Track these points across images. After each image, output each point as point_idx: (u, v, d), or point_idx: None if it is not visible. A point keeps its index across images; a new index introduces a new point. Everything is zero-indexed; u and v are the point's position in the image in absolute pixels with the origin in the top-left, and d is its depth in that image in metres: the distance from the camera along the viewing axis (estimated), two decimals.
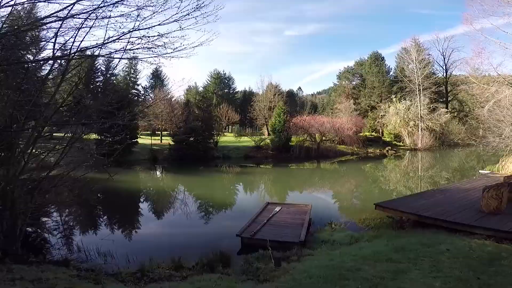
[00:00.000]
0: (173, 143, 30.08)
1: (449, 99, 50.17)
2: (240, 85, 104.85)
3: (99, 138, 31.34)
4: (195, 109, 33.50)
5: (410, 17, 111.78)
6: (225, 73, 66.83)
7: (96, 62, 48.49)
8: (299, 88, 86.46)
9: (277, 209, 9.42)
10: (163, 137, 37.79)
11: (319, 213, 10.12)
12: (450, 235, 6.57)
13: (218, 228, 9.53)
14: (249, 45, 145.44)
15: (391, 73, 52.38)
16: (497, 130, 20.46)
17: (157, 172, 25.64)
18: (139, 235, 9.22)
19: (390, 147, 38.84)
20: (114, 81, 40.25)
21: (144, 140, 35.94)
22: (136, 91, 62.13)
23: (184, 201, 14.54)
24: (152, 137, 39.99)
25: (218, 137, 33.57)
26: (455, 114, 48.00)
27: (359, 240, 7.52)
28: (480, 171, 17.46)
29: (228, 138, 37.70)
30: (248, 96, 64.28)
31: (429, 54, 46.58)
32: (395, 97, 43.84)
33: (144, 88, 61.47)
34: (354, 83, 55.53)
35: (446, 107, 45.82)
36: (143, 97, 59.32)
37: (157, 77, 62.96)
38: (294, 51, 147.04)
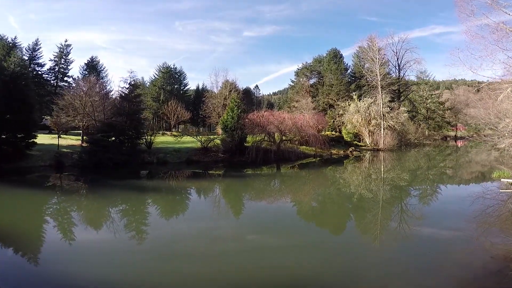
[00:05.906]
0: (86, 144, 20.74)
1: (401, 99, 48.05)
2: (194, 84, 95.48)
3: None
4: (123, 101, 24.34)
5: (360, 23, 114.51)
6: (175, 68, 57.31)
7: None
8: (256, 87, 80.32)
9: None
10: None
11: None
12: None
13: None
14: (207, 43, 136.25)
15: (348, 71, 48.71)
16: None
17: (51, 185, 15.96)
18: None
19: (353, 148, 34.00)
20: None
21: (60, 141, 25.74)
22: (65, 84, 50.31)
23: None
24: (71, 137, 29.76)
25: (153, 137, 24.66)
26: (408, 114, 45.89)
27: None
28: (502, 179, 12.25)
29: (169, 138, 28.98)
30: (202, 93, 55.95)
31: (385, 54, 43.72)
32: (355, 94, 39.58)
33: (75, 79, 49.48)
34: (312, 81, 50.80)
35: (399, 107, 43.14)
36: (73, 90, 47.61)
37: (93, 68, 51.44)
38: (251, 51, 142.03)
